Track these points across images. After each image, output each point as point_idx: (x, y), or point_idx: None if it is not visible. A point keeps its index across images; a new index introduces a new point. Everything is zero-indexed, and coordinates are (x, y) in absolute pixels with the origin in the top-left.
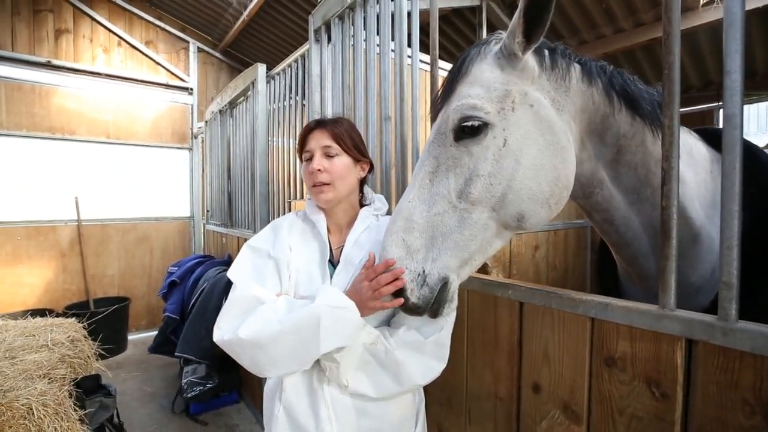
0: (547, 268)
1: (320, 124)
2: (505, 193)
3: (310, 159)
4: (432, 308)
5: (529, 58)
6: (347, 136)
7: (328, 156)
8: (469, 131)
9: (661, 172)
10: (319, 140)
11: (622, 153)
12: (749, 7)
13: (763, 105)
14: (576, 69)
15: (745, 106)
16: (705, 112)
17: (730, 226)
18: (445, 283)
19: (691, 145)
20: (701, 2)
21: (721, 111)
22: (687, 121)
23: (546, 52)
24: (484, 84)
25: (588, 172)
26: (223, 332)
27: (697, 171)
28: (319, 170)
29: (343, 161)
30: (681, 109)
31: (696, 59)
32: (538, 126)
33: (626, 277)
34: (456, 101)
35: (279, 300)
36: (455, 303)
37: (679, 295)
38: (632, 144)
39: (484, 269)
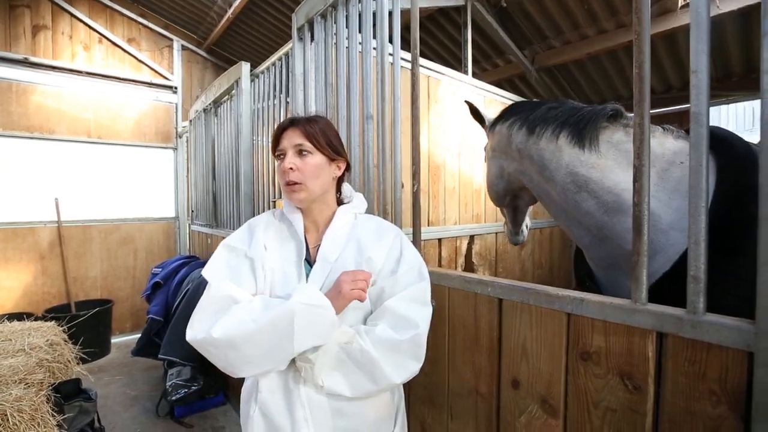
0: (533, 266)
1: (294, 122)
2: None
3: (283, 157)
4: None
5: (489, 131)
6: (321, 135)
7: (301, 154)
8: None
9: (633, 169)
10: (292, 139)
11: (522, 152)
12: (726, 9)
13: (741, 105)
14: (499, 122)
15: (723, 107)
16: (683, 112)
17: (698, 221)
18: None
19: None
20: (679, 4)
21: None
22: (667, 120)
23: (494, 121)
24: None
25: (513, 169)
26: (195, 332)
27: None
28: (290, 169)
29: (315, 160)
30: (663, 109)
31: (675, 60)
32: (487, 161)
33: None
34: None
35: (254, 300)
36: (516, 239)
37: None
38: (526, 146)
39: (471, 268)
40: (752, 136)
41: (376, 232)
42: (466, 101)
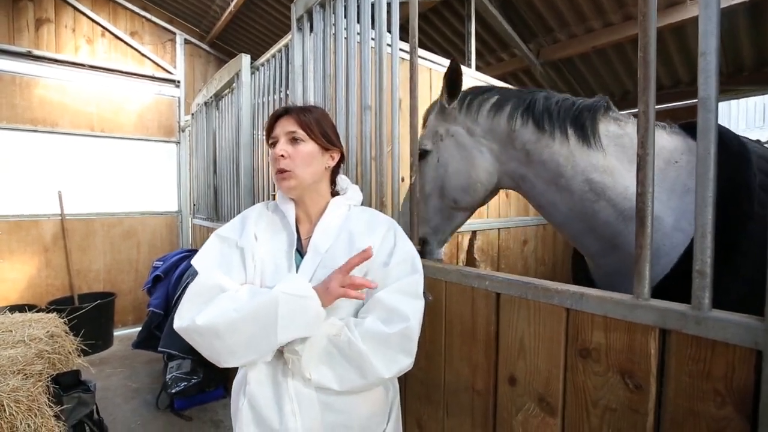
0: (536, 262)
1: (288, 111)
2: (442, 187)
3: (275, 145)
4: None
5: (455, 107)
6: (315, 123)
7: (293, 142)
8: (422, 155)
9: (636, 158)
10: (285, 126)
11: (531, 154)
12: (737, 0)
13: (751, 101)
14: (487, 105)
15: (734, 103)
16: (692, 107)
17: (704, 212)
18: (424, 241)
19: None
20: None
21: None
22: (675, 114)
23: (467, 98)
24: (429, 128)
25: (511, 170)
26: (182, 320)
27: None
28: (281, 156)
29: (307, 148)
30: (672, 104)
31: (684, 54)
32: (456, 147)
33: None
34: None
35: (241, 289)
36: (436, 256)
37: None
38: (537, 147)
39: (472, 264)
40: (763, 133)
41: (369, 223)
42: (452, 60)
